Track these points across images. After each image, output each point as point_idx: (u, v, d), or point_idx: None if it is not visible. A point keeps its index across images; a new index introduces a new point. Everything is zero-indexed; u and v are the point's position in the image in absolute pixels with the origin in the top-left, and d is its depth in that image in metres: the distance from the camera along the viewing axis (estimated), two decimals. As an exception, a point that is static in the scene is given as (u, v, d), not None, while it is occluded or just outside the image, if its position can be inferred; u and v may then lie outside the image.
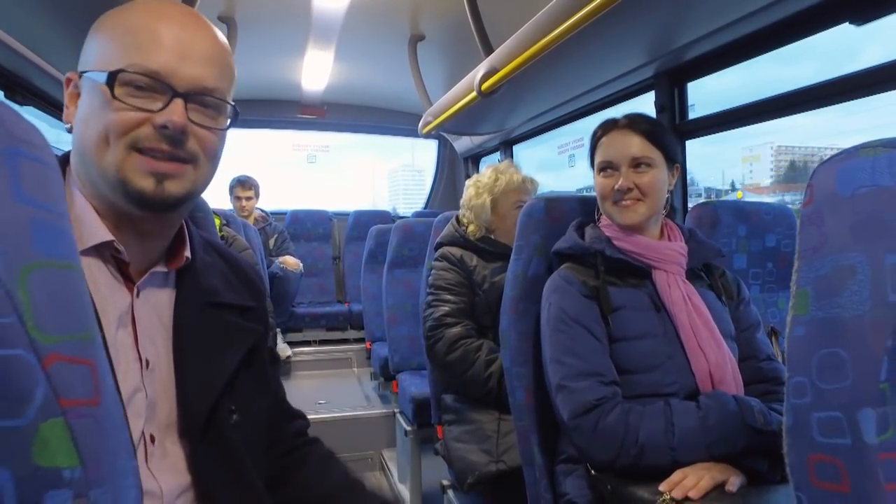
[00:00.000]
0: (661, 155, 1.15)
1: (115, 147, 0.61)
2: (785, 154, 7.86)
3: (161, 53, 0.62)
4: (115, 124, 0.61)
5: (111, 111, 0.60)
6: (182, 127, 0.62)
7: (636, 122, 1.18)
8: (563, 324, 1.11)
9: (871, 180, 0.59)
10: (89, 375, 0.37)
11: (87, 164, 0.63)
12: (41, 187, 0.37)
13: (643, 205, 1.14)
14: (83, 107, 0.64)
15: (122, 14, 0.65)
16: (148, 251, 0.69)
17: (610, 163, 1.17)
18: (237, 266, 0.82)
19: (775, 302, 1.60)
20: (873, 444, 0.53)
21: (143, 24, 0.63)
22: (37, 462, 0.33)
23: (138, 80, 0.61)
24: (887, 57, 1.26)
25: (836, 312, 0.57)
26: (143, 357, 0.65)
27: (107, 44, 0.63)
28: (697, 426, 0.97)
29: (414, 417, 2.29)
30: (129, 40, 0.62)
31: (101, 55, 0.63)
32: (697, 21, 1.55)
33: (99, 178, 0.63)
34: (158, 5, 0.65)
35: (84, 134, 0.63)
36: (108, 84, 0.60)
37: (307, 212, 4.27)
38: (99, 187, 0.64)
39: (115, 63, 0.61)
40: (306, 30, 2.63)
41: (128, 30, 0.63)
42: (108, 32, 0.64)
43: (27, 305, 0.34)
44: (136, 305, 0.66)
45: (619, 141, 1.17)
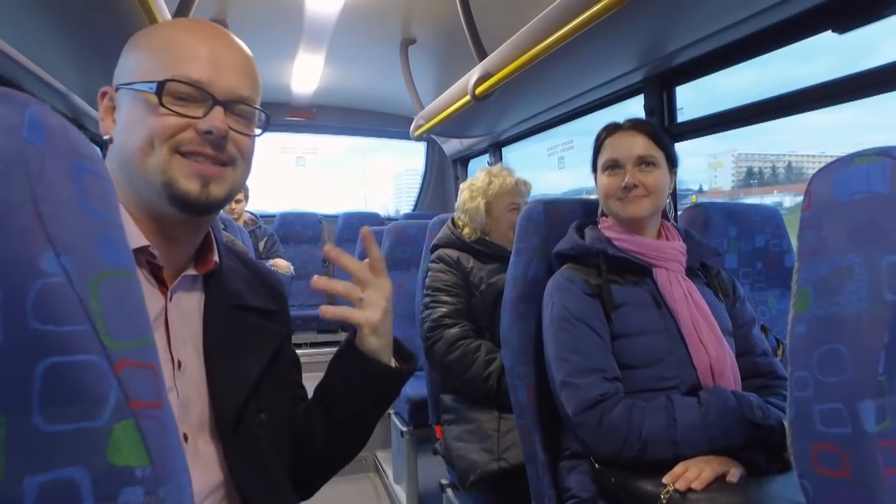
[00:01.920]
0: (663, 155, 1.21)
1: (159, 150, 0.64)
2: (744, 161, 8.23)
3: (200, 65, 0.65)
4: (161, 129, 0.64)
5: (157, 117, 0.64)
6: (225, 132, 0.65)
7: (639, 125, 1.23)
8: (567, 322, 1.15)
9: (865, 187, 0.63)
10: (152, 379, 0.39)
11: (131, 169, 0.65)
12: (103, 200, 0.39)
13: (647, 201, 1.19)
14: (124, 116, 0.66)
15: (156, 31, 0.69)
16: (179, 256, 0.71)
17: (616, 161, 1.21)
18: (257, 271, 0.85)
19: (765, 300, 1.65)
20: (873, 432, 0.57)
21: (179, 39, 0.67)
22: (112, 461, 0.35)
23: (183, 89, 0.64)
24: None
25: (836, 311, 0.61)
26: (176, 358, 0.67)
27: (145, 58, 0.67)
28: (698, 421, 1.01)
29: (410, 418, 2.31)
30: (169, 54, 0.65)
31: (141, 68, 0.66)
32: (686, 29, 1.59)
33: (143, 183, 0.65)
34: (190, 23, 0.69)
35: (127, 141, 0.65)
36: (156, 93, 0.63)
37: (296, 214, 4.26)
38: (141, 192, 0.66)
39: (158, 74, 0.64)
40: (298, 33, 2.63)
41: (165, 44, 0.66)
42: (144, 47, 0.68)
43: (99, 313, 0.36)
44: (168, 308, 0.68)
45: (625, 140, 1.22)
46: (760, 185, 8.01)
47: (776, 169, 8.86)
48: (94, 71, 1.88)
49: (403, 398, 2.35)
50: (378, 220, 4.14)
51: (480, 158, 3.69)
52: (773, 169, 8.81)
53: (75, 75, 1.95)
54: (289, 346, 0.84)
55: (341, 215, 4.20)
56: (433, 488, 2.10)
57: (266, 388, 0.74)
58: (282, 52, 2.88)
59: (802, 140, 13.13)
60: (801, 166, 8.56)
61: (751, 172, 8.41)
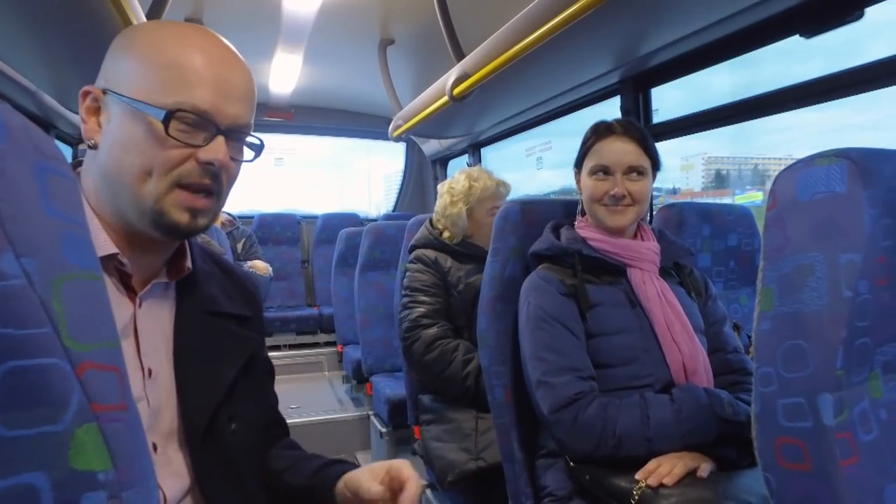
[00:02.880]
0: (650, 163, 1.21)
1: (158, 181, 0.63)
2: (713, 164, 8.49)
3: (208, 93, 0.63)
4: (164, 161, 0.62)
5: (160, 148, 0.62)
6: (225, 164, 0.65)
7: (631, 130, 1.21)
8: (543, 321, 1.16)
9: (826, 187, 0.65)
10: (117, 381, 0.38)
11: (119, 189, 0.63)
12: (67, 201, 0.38)
13: (633, 210, 1.20)
14: (117, 131, 0.63)
15: (157, 39, 0.64)
16: (151, 263, 0.70)
17: (606, 168, 1.21)
18: (233, 275, 0.83)
19: (737, 298, 1.68)
20: (831, 425, 0.59)
21: (188, 59, 0.63)
22: (73, 466, 0.35)
23: (189, 118, 0.62)
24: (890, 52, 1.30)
25: (798, 308, 0.63)
26: (146, 367, 0.66)
27: (148, 73, 0.63)
28: (671, 418, 1.03)
29: (389, 419, 2.31)
30: (176, 75, 0.62)
31: (143, 85, 0.62)
32: (660, 31, 1.62)
33: (130, 205, 0.64)
34: (197, 37, 0.65)
35: (122, 160, 0.63)
36: (164, 122, 0.61)
37: (275, 215, 4.23)
38: (124, 211, 0.64)
39: (165, 97, 0.61)
40: (275, 33, 2.62)
41: (173, 63, 0.63)
42: (146, 59, 0.63)
43: (61, 315, 0.35)
44: (138, 316, 0.67)
45: (617, 147, 1.20)
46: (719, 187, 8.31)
47: (742, 171, 9.11)
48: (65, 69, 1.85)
49: (383, 399, 2.35)
50: (357, 220, 4.13)
51: (460, 159, 3.70)
52: (739, 171, 9.06)
53: (45, 73, 1.91)
54: (262, 353, 0.83)
55: (320, 216, 4.18)
56: (413, 489, 2.10)
57: (238, 396, 0.73)
58: (259, 51, 2.86)
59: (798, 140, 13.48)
60: (767, 168, 8.83)
61: (719, 174, 8.68)
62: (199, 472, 0.68)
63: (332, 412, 2.98)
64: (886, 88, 1.29)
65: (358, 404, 3.10)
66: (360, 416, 2.92)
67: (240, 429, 0.72)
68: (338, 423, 2.90)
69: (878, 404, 0.63)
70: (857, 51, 1.30)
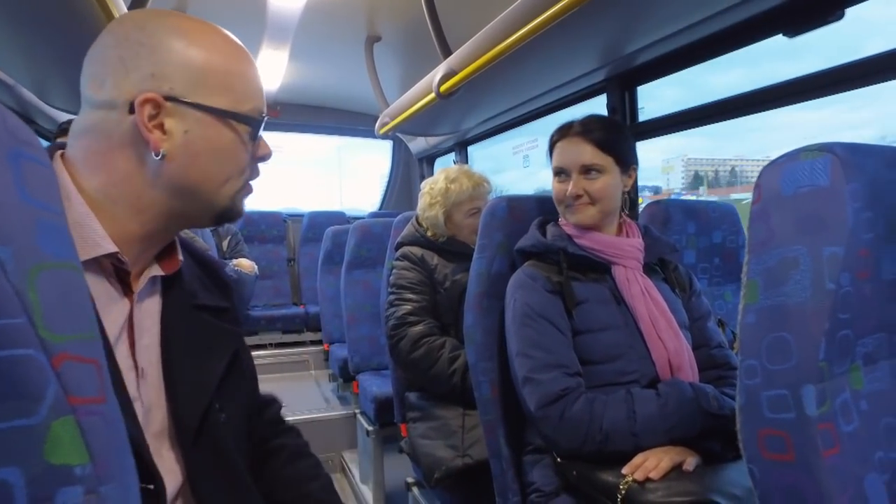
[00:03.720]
0: (612, 161, 1.20)
1: (237, 182, 0.68)
2: (692, 165, 8.76)
3: (260, 95, 0.69)
4: (245, 164, 0.68)
5: (245, 152, 0.68)
6: None
7: (589, 130, 1.21)
8: (529, 318, 1.16)
9: (810, 181, 0.65)
10: (95, 374, 0.38)
11: (196, 196, 0.66)
12: (43, 188, 0.37)
13: (593, 208, 1.20)
14: (204, 141, 0.64)
15: (212, 42, 0.65)
16: (146, 256, 0.68)
17: (563, 169, 1.22)
18: (208, 266, 0.82)
19: (722, 295, 1.70)
20: (813, 416, 0.59)
21: (240, 63, 0.67)
22: (49, 460, 0.34)
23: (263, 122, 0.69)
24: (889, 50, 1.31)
25: (782, 300, 0.63)
26: (139, 366, 0.65)
27: (219, 79, 0.65)
28: (657, 412, 1.04)
29: (376, 417, 2.30)
30: (242, 82, 0.67)
31: (217, 89, 0.64)
32: (646, 30, 1.63)
33: (200, 209, 0.67)
34: (227, 36, 0.68)
35: (208, 169, 0.65)
36: (257, 129, 0.68)
37: (261, 213, 4.19)
38: (189, 213, 0.67)
39: (240, 104, 0.66)
40: (261, 28, 2.59)
41: (236, 71, 0.66)
42: (210, 64, 0.64)
43: (36, 305, 0.34)
44: (134, 312, 0.66)
45: (572, 148, 1.21)
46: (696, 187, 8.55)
47: (718, 173, 9.35)
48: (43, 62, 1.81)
49: (369, 397, 2.34)
50: (344, 219, 4.11)
51: (447, 157, 3.70)
52: (715, 173, 9.31)
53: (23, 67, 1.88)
54: (244, 345, 0.82)
55: (306, 214, 4.15)
56: (400, 487, 2.10)
57: (226, 388, 0.72)
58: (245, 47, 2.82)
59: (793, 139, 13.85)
60: (744, 170, 9.12)
61: (697, 176, 8.93)
62: (192, 468, 0.67)
63: (318, 411, 2.96)
64: (871, 86, 1.30)
65: (344, 403, 3.08)
66: (346, 414, 2.91)
67: (230, 418, 0.72)
68: (324, 421, 2.88)
69: (859, 395, 0.64)
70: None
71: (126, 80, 0.61)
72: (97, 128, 0.62)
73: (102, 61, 0.62)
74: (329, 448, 2.86)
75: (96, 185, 0.62)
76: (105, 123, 0.62)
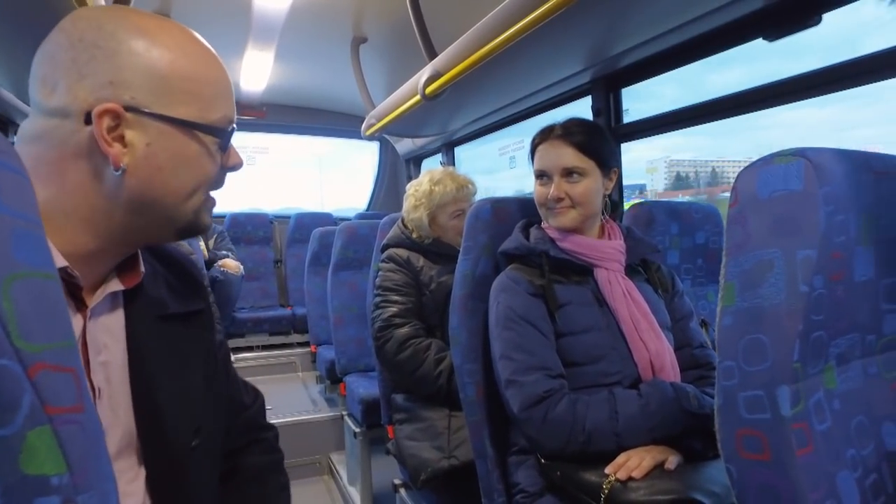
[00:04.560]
0: (593, 164, 1.21)
1: (201, 195, 0.64)
2: (675, 167, 8.96)
3: (230, 102, 0.65)
4: (211, 177, 0.64)
5: (211, 163, 0.63)
6: None
7: (570, 133, 1.22)
8: (512, 321, 1.16)
9: (783, 185, 0.67)
10: (72, 383, 0.37)
11: (156, 210, 0.61)
12: (17, 196, 0.37)
13: (574, 211, 1.21)
14: (166, 153, 0.59)
15: (177, 48, 0.60)
16: (102, 271, 0.63)
17: (544, 172, 1.23)
18: (175, 265, 0.76)
19: (705, 295, 1.72)
20: (788, 416, 0.61)
21: (209, 69, 0.63)
22: (24, 470, 0.34)
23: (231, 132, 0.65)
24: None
25: (758, 302, 0.65)
26: (95, 385, 0.61)
27: (183, 87, 0.60)
28: (639, 412, 1.05)
29: (363, 419, 2.30)
30: (210, 90, 0.62)
31: (180, 98, 0.60)
32: (630, 32, 1.65)
33: (160, 223, 0.62)
34: (197, 41, 0.64)
35: (169, 182, 0.60)
36: (225, 141, 0.63)
37: (247, 214, 4.17)
38: (147, 226, 0.62)
39: (207, 113, 0.62)
40: (246, 29, 2.57)
41: (209, 80, 0.62)
42: (173, 71, 0.59)
43: (11, 315, 0.34)
44: (88, 330, 0.61)
45: (552, 151, 1.22)
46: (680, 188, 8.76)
47: (699, 174, 9.54)
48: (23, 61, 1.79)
49: (357, 399, 2.33)
50: (330, 220, 4.10)
51: (433, 158, 3.70)
52: (696, 173, 9.49)
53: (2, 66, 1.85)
54: (217, 344, 0.78)
55: (293, 215, 4.13)
56: (387, 488, 2.10)
57: (202, 405, 0.69)
58: (229, 48, 2.81)
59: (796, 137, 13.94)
60: (723, 170, 9.34)
61: (679, 176, 9.11)
62: (158, 490, 0.64)
63: (305, 413, 2.95)
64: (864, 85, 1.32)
65: (332, 404, 3.07)
66: (333, 416, 2.90)
67: (203, 443, 0.68)
68: (311, 423, 2.87)
69: (832, 395, 0.65)
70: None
71: (80, 87, 0.56)
72: (48, 136, 0.57)
73: (53, 63, 0.56)
74: (316, 450, 2.85)
75: (46, 196, 0.56)
76: (57, 132, 0.57)
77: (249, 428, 0.86)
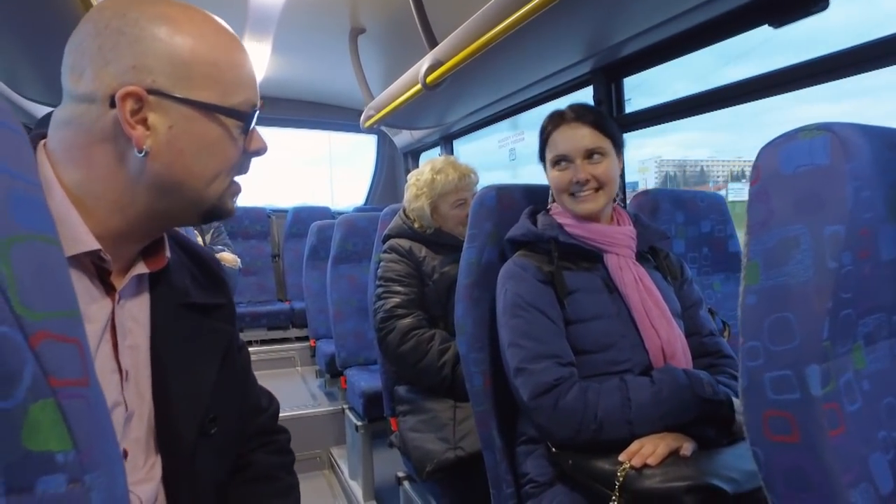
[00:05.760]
0: (610, 143, 1.20)
1: (224, 181, 0.64)
2: (665, 166, 9.16)
3: (252, 86, 0.65)
4: (234, 162, 0.64)
5: (234, 147, 0.63)
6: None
7: (583, 114, 1.21)
8: (520, 309, 1.14)
9: (809, 160, 0.64)
10: (77, 354, 0.35)
11: (181, 193, 0.62)
12: (15, 156, 0.35)
13: (602, 194, 1.19)
14: (188, 136, 0.60)
15: (200, 32, 0.61)
16: (129, 254, 0.65)
17: (564, 156, 1.20)
18: (201, 260, 0.78)
19: (711, 284, 1.70)
20: (818, 395, 0.59)
21: (232, 53, 0.63)
22: (27, 446, 0.31)
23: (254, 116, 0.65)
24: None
25: (784, 280, 0.62)
26: (123, 368, 0.62)
27: (206, 70, 0.60)
28: (652, 399, 1.03)
29: (364, 412, 2.28)
30: (233, 74, 0.63)
31: (203, 82, 0.60)
32: (631, 20, 1.62)
33: (185, 203, 0.63)
34: (219, 25, 0.64)
35: (192, 166, 0.61)
36: (248, 124, 0.63)
37: (244, 209, 4.13)
38: (171, 212, 0.63)
39: (229, 97, 0.62)
40: (242, 20, 2.54)
41: (226, 62, 0.62)
42: (197, 55, 0.60)
43: (11, 280, 0.32)
44: (116, 313, 0.62)
45: (571, 134, 1.20)
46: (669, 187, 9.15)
47: (686, 173, 9.70)
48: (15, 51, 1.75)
49: (357, 392, 2.31)
50: (328, 213, 4.07)
51: (432, 151, 3.67)
52: (683, 173, 9.65)
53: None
54: (237, 342, 0.79)
55: (290, 209, 4.10)
56: (390, 482, 2.08)
57: (219, 395, 0.69)
58: (225, 39, 2.77)
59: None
60: (711, 170, 9.53)
61: (668, 176, 9.31)
62: (171, 479, 0.64)
63: (305, 407, 2.93)
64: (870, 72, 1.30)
65: (332, 399, 3.05)
66: (334, 410, 2.88)
67: (220, 431, 0.68)
68: (312, 418, 2.85)
69: (861, 375, 0.63)
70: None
71: (105, 72, 0.57)
72: (77, 121, 0.59)
73: (81, 51, 0.58)
74: (317, 444, 2.83)
75: (77, 179, 0.59)
76: (85, 117, 0.58)
77: (263, 431, 0.87)
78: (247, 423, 0.82)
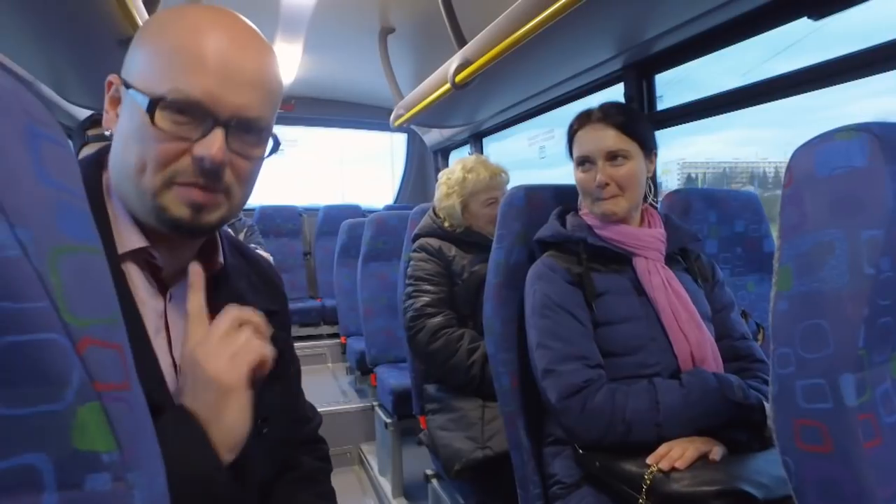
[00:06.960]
0: (636, 146, 1.17)
1: (153, 176, 0.59)
2: (687, 168, 9.01)
3: (205, 77, 0.57)
4: (155, 156, 0.58)
5: (154, 140, 0.58)
6: (221, 161, 0.59)
7: (610, 115, 1.18)
8: (549, 309, 1.14)
9: (846, 162, 0.63)
10: (119, 359, 0.37)
11: (124, 181, 0.62)
12: (62, 169, 0.36)
13: (622, 199, 1.17)
14: (124, 122, 0.61)
15: (168, 25, 0.60)
16: (181, 257, 0.67)
17: (587, 157, 1.19)
18: (259, 268, 0.80)
19: (744, 285, 1.67)
20: (853, 406, 0.57)
21: (190, 41, 0.58)
22: (76, 446, 0.33)
23: (179, 108, 0.57)
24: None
25: (817, 286, 0.61)
26: (178, 363, 0.64)
27: (151, 59, 0.59)
28: (681, 402, 1.02)
29: (394, 409, 2.30)
30: (174, 60, 0.58)
31: (145, 72, 0.59)
32: (664, 15, 1.59)
33: (136, 198, 0.61)
34: (208, 15, 0.60)
35: (124, 153, 0.60)
36: (148, 111, 0.56)
37: (276, 207, 4.21)
38: (134, 205, 0.62)
39: (158, 85, 0.57)
40: (274, 22, 2.59)
41: (173, 47, 0.58)
42: (152, 46, 0.60)
43: (59, 289, 0.34)
44: (168, 310, 0.65)
45: (594, 135, 1.18)
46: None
47: (706, 175, 9.54)
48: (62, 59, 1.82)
49: (387, 389, 2.34)
50: (359, 212, 4.12)
51: (462, 149, 3.68)
52: (704, 175, 9.49)
53: (42, 63, 1.89)
54: (290, 350, 0.80)
55: (322, 208, 4.16)
56: (418, 479, 2.10)
57: (269, 395, 0.70)
58: (258, 41, 2.82)
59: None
60: (734, 172, 9.36)
61: (689, 178, 9.17)
62: None
63: (336, 404, 2.98)
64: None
65: (362, 395, 3.09)
66: (364, 407, 2.92)
67: (271, 432, 0.70)
68: (342, 414, 2.90)
69: (900, 385, 0.62)
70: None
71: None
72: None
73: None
74: (347, 440, 2.88)
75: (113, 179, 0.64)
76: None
77: (308, 439, 0.90)
78: (296, 430, 0.85)
